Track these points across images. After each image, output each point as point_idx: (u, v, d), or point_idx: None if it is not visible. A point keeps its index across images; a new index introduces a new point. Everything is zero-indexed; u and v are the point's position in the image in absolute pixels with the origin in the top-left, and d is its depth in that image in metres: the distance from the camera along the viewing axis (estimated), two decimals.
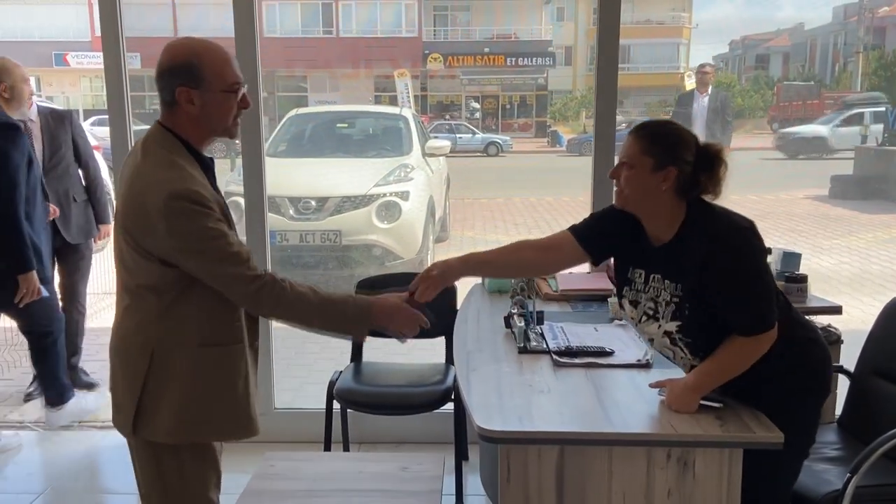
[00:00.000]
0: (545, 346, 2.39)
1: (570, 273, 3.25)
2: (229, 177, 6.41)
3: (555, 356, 2.30)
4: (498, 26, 27.42)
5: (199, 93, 1.77)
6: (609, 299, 2.78)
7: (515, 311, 2.58)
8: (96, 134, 6.93)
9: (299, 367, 4.44)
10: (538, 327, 2.54)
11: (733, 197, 1.99)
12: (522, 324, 2.47)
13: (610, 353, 2.33)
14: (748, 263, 1.88)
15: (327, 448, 2.99)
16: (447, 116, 24.57)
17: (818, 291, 3.04)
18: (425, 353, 3.48)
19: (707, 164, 1.92)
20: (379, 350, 3.36)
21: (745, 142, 18.98)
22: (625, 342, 2.44)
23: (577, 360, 2.28)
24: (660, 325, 2.02)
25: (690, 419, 1.91)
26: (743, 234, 1.89)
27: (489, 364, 2.29)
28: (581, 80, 29.80)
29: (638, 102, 27.38)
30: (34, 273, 3.17)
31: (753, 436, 1.82)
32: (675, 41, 31.77)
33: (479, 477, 3.12)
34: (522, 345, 2.40)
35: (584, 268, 3.36)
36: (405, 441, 3.35)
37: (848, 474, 2.11)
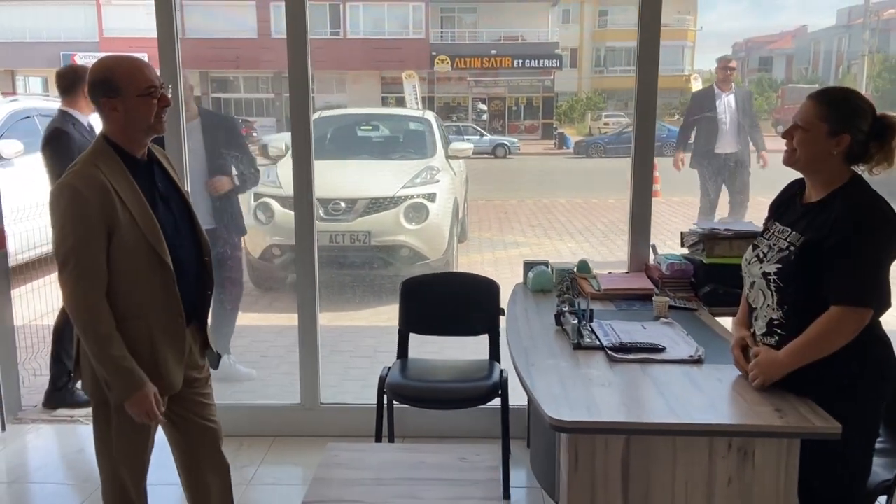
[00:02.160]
0: (598, 342, 2.48)
1: (610, 273, 3.37)
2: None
3: (609, 352, 2.40)
4: (505, 28, 27.49)
5: (120, 100, 2.05)
6: (654, 298, 2.87)
7: (566, 308, 2.68)
8: None
9: (335, 364, 4.54)
10: (589, 325, 2.64)
11: (759, 198, 2.09)
12: (575, 321, 2.56)
13: (662, 350, 2.42)
14: (870, 240, 1.96)
15: (378, 441, 3.09)
16: (454, 118, 24.65)
17: None
18: (464, 350, 3.59)
19: (881, 134, 2.02)
20: (422, 347, 3.46)
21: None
22: (674, 339, 2.53)
23: (631, 356, 2.38)
24: (762, 266, 2.14)
25: (750, 411, 2.01)
26: (880, 216, 1.98)
27: (546, 359, 2.38)
28: (586, 83, 29.85)
29: None
30: None
31: (812, 426, 1.92)
32: (680, 44, 31.78)
33: (522, 471, 3.21)
34: (577, 341, 2.49)
35: (624, 268, 3.48)
36: (447, 436, 3.44)
37: None
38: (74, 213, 1.98)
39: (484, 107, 26.80)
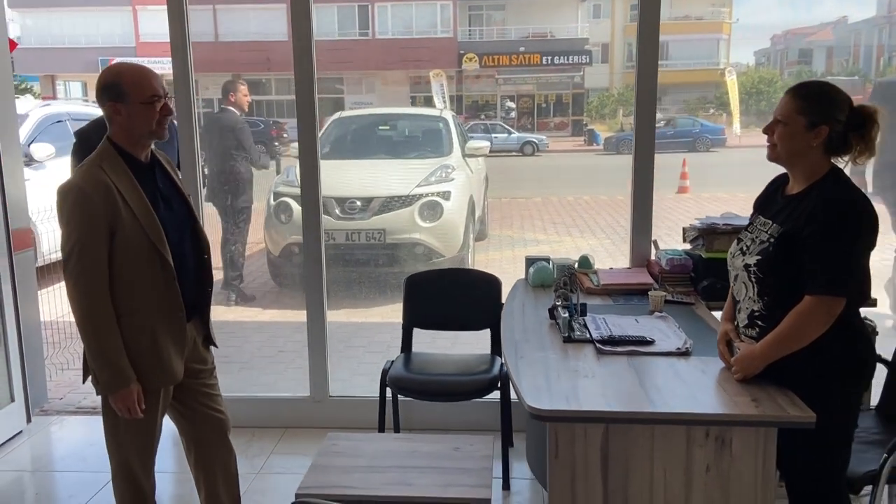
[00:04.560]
0: (588, 335, 2.54)
1: (611, 269, 3.41)
2: (277, 178, 6.66)
3: (598, 344, 2.45)
4: (533, 25, 27.44)
5: (124, 106, 2.15)
6: (650, 293, 2.91)
7: (559, 303, 2.74)
8: None
9: (349, 359, 4.64)
10: (581, 318, 2.69)
11: None
12: (567, 315, 2.62)
13: (651, 342, 2.47)
14: (843, 231, 1.99)
15: (381, 431, 3.17)
16: (482, 116, 24.68)
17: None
18: (469, 346, 3.65)
19: (860, 124, 2.06)
20: (426, 341, 3.54)
21: None
22: (665, 333, 2.57)
23: (619, 349, 2.43)
24: (744, 259, 2.19)
25: (727, 401, 2.05)
26: (852, 207, 2.01)
27: (536, 352, 2.44)
28: (618, 78, 29.63)
29: (677, 100, 27.16)
30: None
31: (786, 415, 1.96)
32: (715, 37, 31.37)
33: (524, 463, 3.27)
34: (567, 334, 2.55)
35: (625, 263, 3.52)
36: (451, 428, 3.51)
37: (885, 455, 2.23)
38: (78, 212, 2.09)
39: (512, 104, 26.77)
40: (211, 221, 5.50)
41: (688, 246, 3.34)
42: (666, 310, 2.85)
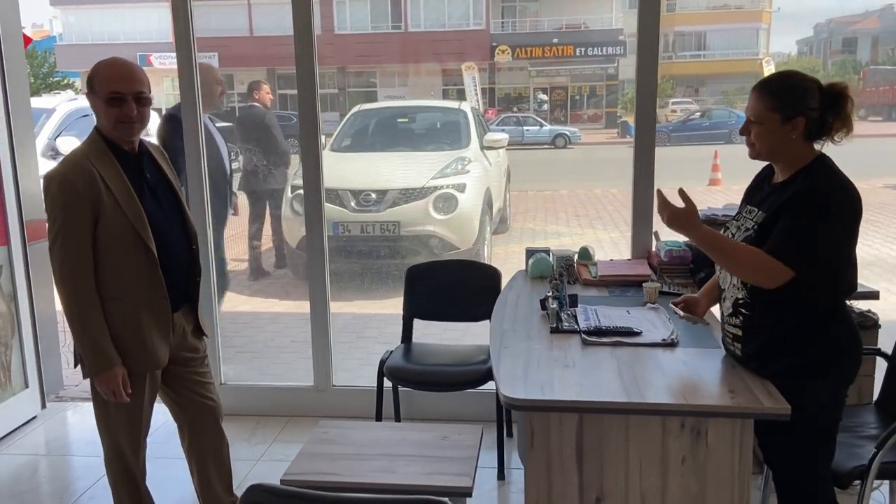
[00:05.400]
0: (576, 325, 2.53)
1: (612, 260, 3.39)
2: (297, 170, 6.73)
3: (584, 335, 2.45)
4: (567, 16, 27.21)
5: (94, 98, 2.24)
6: (644, 284, 2.89)
7: (550, 293, 2.74)
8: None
9: (359, 349, 4.69)
10: (572, 309, 2.68)
11: None
12: (555, 305, 2.62)
13: (638, 334, 2.45)
14: (812, 212, 1.95)
15: (378, 421, 3.21)
16: (515, 109, 24.58)
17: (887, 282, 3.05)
18: (480, 337, 3.66)
19: (833, 103, 2.02)
20: (429, 332, 3.56)
21: None
22: (654, 324, 2.56)
23: (605, 339, 2.42)
24: None
25: (703, 392, 2.03)
26: (830, 194, 1.97)
27: (521, 342, 2.45)
28: None
29: (715, 90, 26.71)
30: None
31: (761, 407, 1.93)
32: (755, 26, 30.77)
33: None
34: (555, 325, 2.55)
35: (626, 255, 3.49)
36: (453, 418, 3.53)
37: (874, 449, 2.19)
38: (62, 199, 2.15)
39: (544, 97, 26.60)
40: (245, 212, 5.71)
41: None
42: (662, 301, 2.83)
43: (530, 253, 3.34)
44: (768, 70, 19.53)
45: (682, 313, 2.37)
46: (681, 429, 2.00)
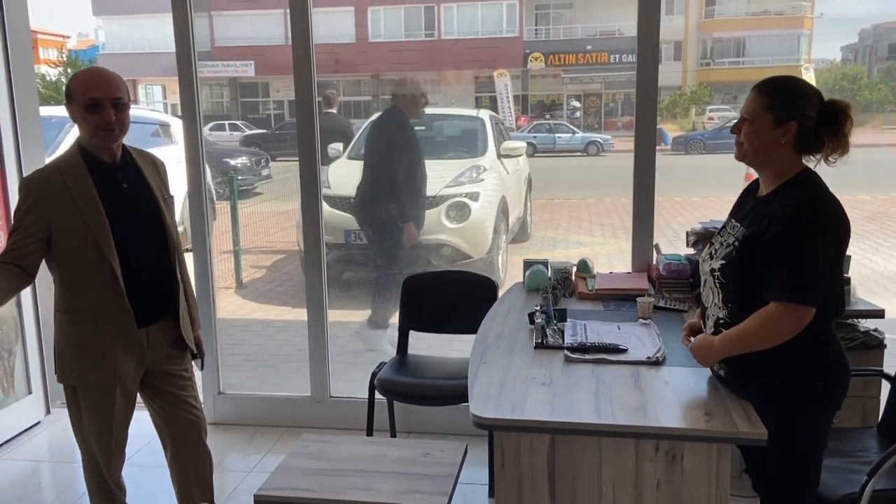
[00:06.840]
0: (561, 341, 2.46)
1: (611, 273, 3.31)
2: None
3: (567, 352, 2.38)
4: (601, 23, 27.00)
5: (71, 107, 2.23)
6: (638, 299, 2.81)
7: (539, 307, 2.67)
8: (208, 139, 7.49)
9: (368, 360, 4.65)
10: (560, 324, 2.62)
11: (844, 197, 2.00)
12: (542, 320, 2.55)
13: (623, 351, 2.38)
14: (808, 237, 1.87)
15: (370, 434, 3.17)
16: (547, 116, 24.44)
17: None
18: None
19: (831, 119, 1.94)
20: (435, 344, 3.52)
21: (872, 138, 17.91)
22: (643, 340, 2.48)
23: (587, 356, 2.35)
24: (710, 263, 2.10)
25: (679, 414, 1.95)
26: (819, 213, 1.89)
27: (502, 357, 2.39)
28: (691, 76, 28.84)
29: None
30: None
31: (736, 431, 1.85)
32: (796, 32, 30.19)
33: None
34: (540, 340, 2.49)
35: (626, 268, 3.41)
36: (449, 432, 3.48)
37: (866, 477, 2.09)
38: (22, 201, 2.21)
39: (578, 104, 26.42)
40: None
41: (691, 250, 3.21)
42: (657, 317, 2.75)
43: (528, 265, 3.28)
44: (808, 77, 19.15)
45: (693, 340, 2.22)
46: (655, 452, 1.93)
